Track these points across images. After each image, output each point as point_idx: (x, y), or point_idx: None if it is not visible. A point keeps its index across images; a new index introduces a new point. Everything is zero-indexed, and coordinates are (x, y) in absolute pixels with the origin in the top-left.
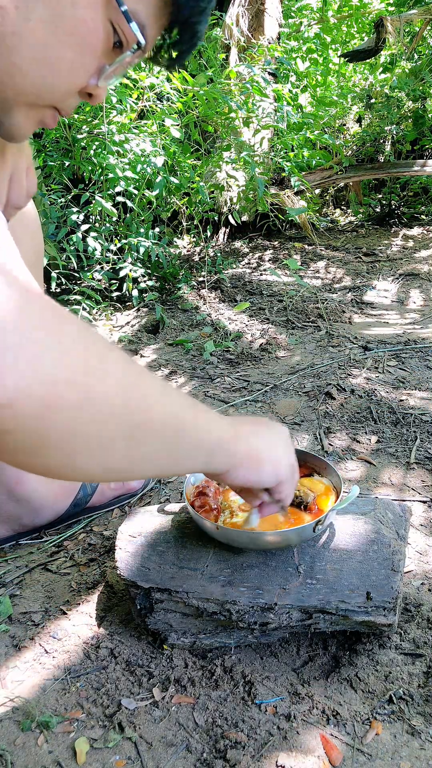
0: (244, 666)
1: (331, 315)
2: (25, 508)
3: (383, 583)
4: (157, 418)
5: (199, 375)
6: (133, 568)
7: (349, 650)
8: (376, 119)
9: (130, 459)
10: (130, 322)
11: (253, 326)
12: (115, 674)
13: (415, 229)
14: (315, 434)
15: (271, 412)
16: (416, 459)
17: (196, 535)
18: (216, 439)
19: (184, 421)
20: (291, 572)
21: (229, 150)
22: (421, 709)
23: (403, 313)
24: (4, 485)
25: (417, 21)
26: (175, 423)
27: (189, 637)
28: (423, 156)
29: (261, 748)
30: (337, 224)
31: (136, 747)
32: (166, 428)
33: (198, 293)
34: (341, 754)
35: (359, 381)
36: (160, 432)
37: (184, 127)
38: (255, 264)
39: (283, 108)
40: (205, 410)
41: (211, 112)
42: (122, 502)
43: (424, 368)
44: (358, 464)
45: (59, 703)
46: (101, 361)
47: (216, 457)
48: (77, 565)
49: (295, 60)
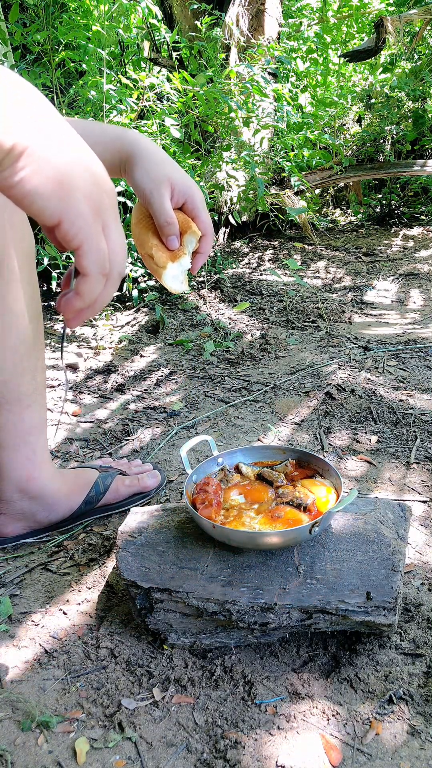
0: (244, 666)
1: (331, 315)
2: (38, 505)
3: (383, 583)
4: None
5: (199, 375)
6: (133, 568)
7: (349, 650)
8: (376, 119)
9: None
10: (130, 322)
11: (253, 326)
12: (115, 674)
13: (415, 229)
14: (315, 434)
15: (271, 412)
16: (416, 459)
17: (196, 535)
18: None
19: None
20: (291, 572)
21: (229, 150)
22: (421, 709)
23: (403, 313)
24: (15, 483)
25: (417, 21)
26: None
27: (189, 637)
28: (423, 156)
29: (261, 748)
30: (337, 224)
31: (136, 747)
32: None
33: (198, 293)
34: (341, 754)
35: (359, 381)
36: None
37: (184, 127)
38: (255, 264)
39: (283, 108)
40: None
41: (211, 112)
42: (136, 502)
43: (424, 368)
44: (358, 464)
45: (59, 703)
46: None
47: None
48: (77, 565)
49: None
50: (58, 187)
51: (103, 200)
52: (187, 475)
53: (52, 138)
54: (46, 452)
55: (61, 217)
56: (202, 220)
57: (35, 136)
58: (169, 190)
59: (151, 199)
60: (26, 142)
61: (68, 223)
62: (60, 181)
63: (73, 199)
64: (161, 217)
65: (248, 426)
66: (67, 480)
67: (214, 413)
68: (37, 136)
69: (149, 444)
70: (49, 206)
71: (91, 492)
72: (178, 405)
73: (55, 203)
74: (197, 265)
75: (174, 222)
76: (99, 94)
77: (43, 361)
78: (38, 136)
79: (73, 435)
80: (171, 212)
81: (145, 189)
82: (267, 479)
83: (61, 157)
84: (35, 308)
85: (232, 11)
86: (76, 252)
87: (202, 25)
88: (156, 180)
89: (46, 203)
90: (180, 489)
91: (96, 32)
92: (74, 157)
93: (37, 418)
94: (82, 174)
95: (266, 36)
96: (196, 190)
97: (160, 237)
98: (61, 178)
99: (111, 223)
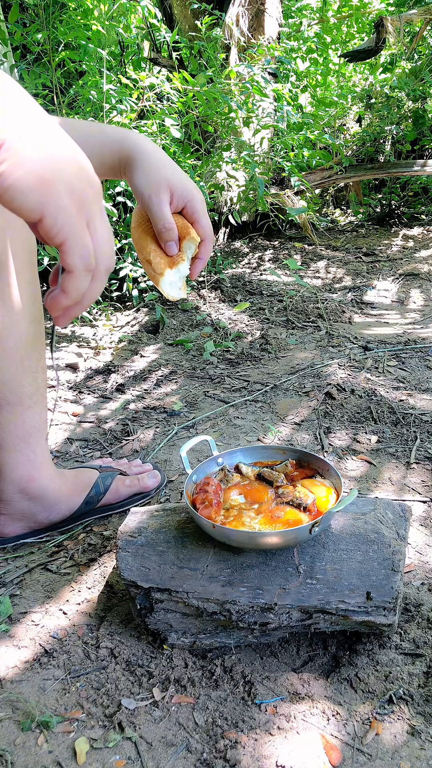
0: (244, 666)
1: (331, 315)
2: (39, 505)
3: (383, 583)
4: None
5: (199, 375)
6: (133, 568)
7: (349, 650)
8: (376, 119)
9: None
10: (130, 322)
11: (253, 326)
12: (115, 674)
13: (415, 229)
14: (315, 434)
15: (271, 412)
16: (416, 459)
17: (196, 535)
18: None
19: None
20: (291, 572)
21: (229, 150)
22: (421, 709)
23: (403, 313)
24: (16, 484)
25: (417, 21)
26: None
27: (189, 637)
28: (423, 156)
29: (261, 748)
30: (337, 224)
31: (136, 747)
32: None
33: (198, 293)
34: (341, 754)
35: (359, 381)
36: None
37: (184, 127)
38: (255, 264)
39: (283, 108)
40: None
41: (211, 112)
42: (136, 503)
43: (424, 368)
44: (358, 464)
45: (59, 703)
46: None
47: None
48: (77, 565)
49: (295, 60)
50: (39, 182)
51: (87, 194)
52: (187, 475)
53: (31, 133)
54: (46, 453)
55: (43, 212)
56: (201, 225)
57: (13, 131)
58: (168, 195)
59: (149, 204)
60: (3, 135)
61: (51, 218)
62: (40, 176)
63: (55, 195)
64: (160, 223)
65: (248, 426)
66: (67, 480)
67: (214, 413)
68: (14, 131)
69: (149, 444)
70: (30, 201)
71: (91, 492)
72: (178, 405)
73: (36, 198)
74: (196, 270)
75: (172, 228)
76: (99, 94)
77: (44, 362)
78: (16, 131)
79: (73, 435)
80: (170, 217)
81: (144, 193)
82: (267, 479)
83: (41, 151)
84: (36, 310)
85: (232, 11)
86: (59, 248)
87: (202, 25)
88: (155, 184)
89: (27, 198)
90: (180, 489)
91: (96, 32)
92: (55, 151)
93: (37, 419)
94: (65, 168)
95: (266, 36)
96: (197, 193)
97: (159, 242)
98: (42, 173)
99: (96, 218)
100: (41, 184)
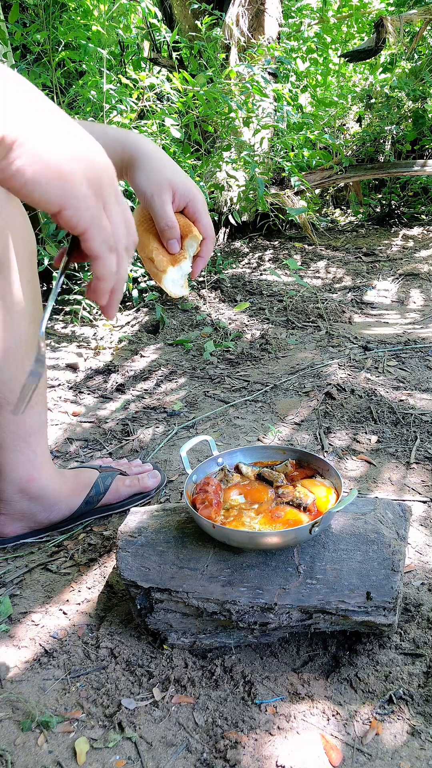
0: (244, 666)
1: (331, 315)
2: (39, 505)
3: (383, 583)
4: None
5: (199, 375)
6: (133, 568)
7: (349, 650)
8: (376, 119)
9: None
10: (130, 322)
11: (253, 326)
12: (115, 674)
13: (415, 229)
14: (315, 434)
15: (271, 412)
16: (416, 459)
17: (196, 535)
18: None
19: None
20: (291, 572)
21: (229, 150)
22: (421, 709)
23: (403, 313)
24: (16, 483)
25: (417, 21)
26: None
27: (189, 637)
28: (423, 156)
29: (261, 748)
30: (337, 224)
31: (136, 747)
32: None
33: (198, 293)
34: (341, 754)
35: (359, 381)
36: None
37: (184, 127)
38: (255, 264)
39: (283, 108)
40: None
41: (211, 112)
42: (136, 503)
43: (424, 368)
44: (358, 464)
45: (59, 703)
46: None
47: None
48: (77, 565)
49: (295, 60)
50: (57, 174)
51: (103, 179)
52: (187, 475)
53: (44, 127)
54: (46, 453)
55: (63, 203)
56: (203, 224)
57: (26, 127)
58: (170, 194)
59: (152, 203)
60: (16, 132)
61: (71, 209)
62: (58, 168)
63: (73, 185)
64: (162, 221)
65: (248, 426)
66: (67, 480)
67: (214, 413)
68: (28, 127)
69: (149, 444)
70: (50, 194)
71: (91, 492)
72: (178, 405)
73: (55, 190)
74: (197, 269)
75: (175, 226)
76: (99, 94)
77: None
78: (30, 126)
79: (73, 435)
80: (172, 216)
81: (146, 192)
82: (267, 479)
83: (56, 144)
84: (36, 309)
85: (232, 11)
86: (81, 236)
87: (202, 25)
88: (157, 183)
89: (46, 191)
90: (180, 489)
91: (96, 32)
92: (70, 142)
93: (37, 419)
94: (80, 158)
95: (266, 36)
96: (198, 193)
97: (161, 240)
98: (59, 166)
99: (110, 200)
100: (59, 177)
